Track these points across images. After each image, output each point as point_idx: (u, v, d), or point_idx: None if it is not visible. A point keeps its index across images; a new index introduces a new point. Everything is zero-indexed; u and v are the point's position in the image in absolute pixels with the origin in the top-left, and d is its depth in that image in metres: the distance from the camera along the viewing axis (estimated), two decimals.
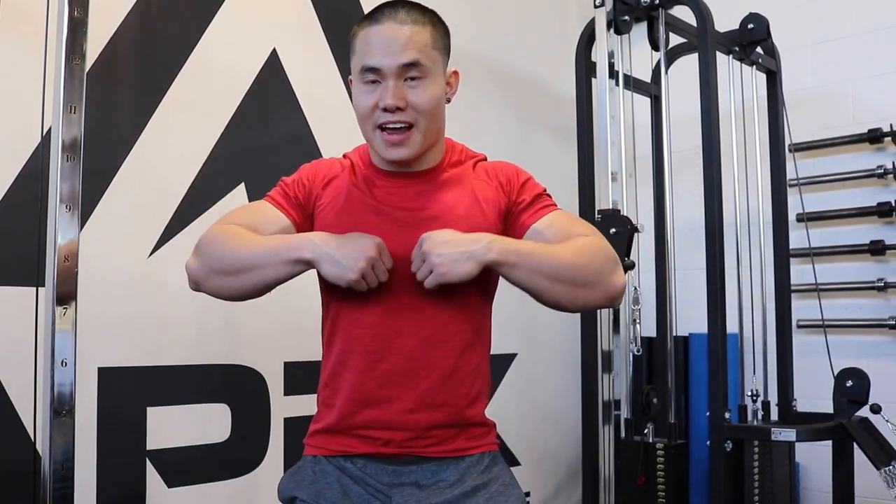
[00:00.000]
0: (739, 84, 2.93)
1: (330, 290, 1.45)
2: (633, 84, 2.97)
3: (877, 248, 3.13)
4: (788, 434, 2.53)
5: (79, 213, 1.69)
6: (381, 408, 1.39)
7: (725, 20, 2.85)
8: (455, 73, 1.49)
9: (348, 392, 1.41)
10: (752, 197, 2.98)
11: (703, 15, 2.65)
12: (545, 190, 1.53)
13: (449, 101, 1.48)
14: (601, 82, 2.69)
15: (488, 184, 1.48)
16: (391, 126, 1.38)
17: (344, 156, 1.55)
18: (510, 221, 1.47)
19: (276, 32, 2.61)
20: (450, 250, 1.30)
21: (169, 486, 2.27)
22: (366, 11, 2.93)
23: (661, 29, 2.79)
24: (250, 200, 2.48)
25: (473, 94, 3.26)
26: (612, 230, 2.46)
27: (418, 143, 1.40)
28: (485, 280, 1.43)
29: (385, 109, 1.37)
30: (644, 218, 3.01)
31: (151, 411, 2.25)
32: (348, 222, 1.42)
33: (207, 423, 2.37)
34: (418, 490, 1.40)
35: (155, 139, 2.29)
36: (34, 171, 2.01)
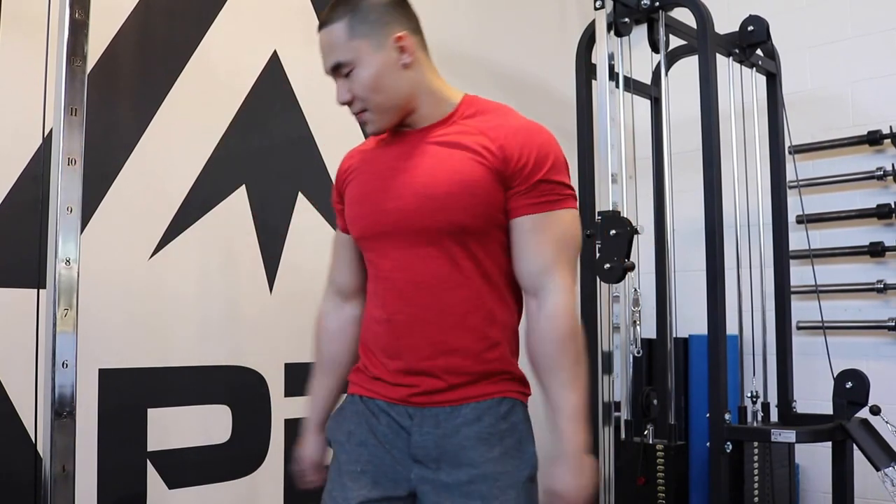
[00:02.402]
0: (739, 86, 2.93)
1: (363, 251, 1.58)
2: (633, 86, 2.97)
3: (876, 250, 3.14)
4: (788, 435, 2.53)
5: (80, 215, 1.70)
6: (403, 357, 1.46)
7: (725, 22, 2.85)
8: (399, 37, 1.47)
9: (372, 344, 1.51)
10: (752, 198, 2.99)
11: (703, 17, 2.65)
12: (560, 179, 1.48)
13: (407, 64, 1.48)
14: (601, 84, 2.69)
15: (481, 140, 1.46)
16: (355, 114, 1.52)
17: None
18: (509, 195, 1.45)
19: (277, 34, 2.61)
20: (576, 499, 1.40)
21: (170, 488, 2.27)
22: None
23: (661, 31, 2.79)
24: (251, 203, 2.50)
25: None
26: (612, 232, 2.46)
27: (378, 118, 1.49)
28: (486, 233, 1.45)
29: (342, 104, 1.51)
30: (644, 219, 3.02)
31: (152, 413, 2.26)
32: (358, 183, 1.56)
33: (208, 425, 2.37)
34: (435, 428, 1.44)
35: (156, 141, 2.30)
36: (35, 174, 2.02)
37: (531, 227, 1.44)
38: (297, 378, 2.54)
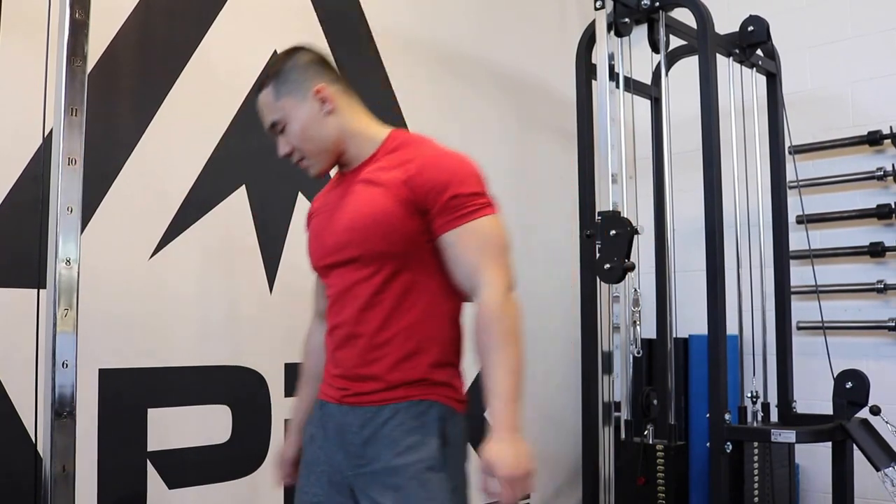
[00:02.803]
0: (739, 86, 2.93)
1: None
2: (633, 86, 2.98)
3: (876, 250, 3.14)
4: (788, 435, 2.53)
5: (80, 215, 1.70)
6: (340, 365, 1.66)
7: (725, 22, 2.85)
8: (317, 90, 1.67)
9: (326, 353, 1.73)
10: (752, 198, 2.99)
11: (703, 17, 2.65)
12: (469, 191, 1.58)
13: (329, 112, 1.68)
14: (601, 84, 2.70)
15: (397, 173, 1.60)
16: (296, 162, 1.73)
17: None
18: (428, 219, 1.59)
19: (277, 34, 2.61)
20: (508, 469, 1.46)
21: (170, 488, 2.27)
22: (366, 14, 2.95)
23: (661, 31, 2.80)
24: (251, 203, 2.50)
25: (475, 96, 3.27)
26: (612, 232, 2.46)
27: (315, 163, 1.71)
28: (403, 251, 1.59)
29: (284, 157, 1.73)
30: (644, 219, 3.02)
31: (152, 413, 2.26)
32: (314, 223, 1.78)
33: (208, 425, 2.37)
34: (362, 428, 1.60)
35: (156, 141, 2.30)
36: (35, 174, 2.02)
37: (452, 242, 1.57)
38: (297, 378, 2.54)
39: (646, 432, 2.83)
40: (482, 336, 1.53)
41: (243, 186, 2.49)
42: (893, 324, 3.09)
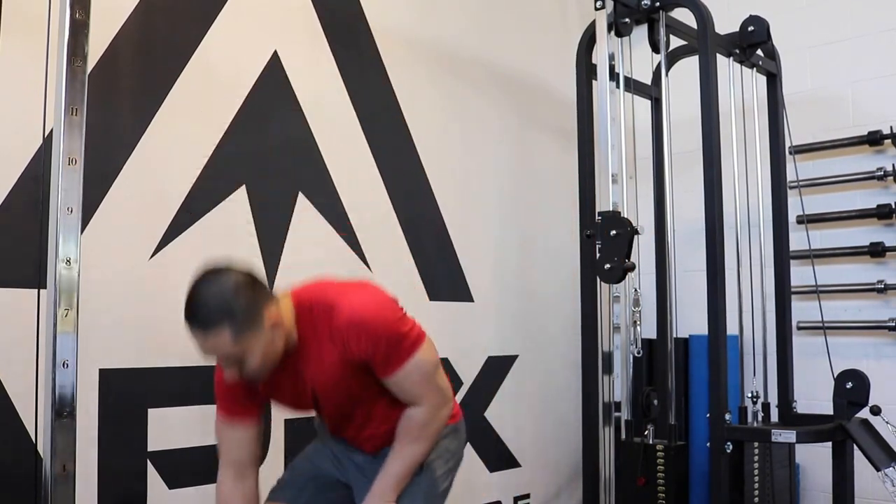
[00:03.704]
0: (739, 86, 2.93)
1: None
2: (633, 86, 2.97)
3: (876, 250, 3.14)
4: (788, 436, 2.53)
5: (80, 215, 1.70)
6: (353, 440, 2.02)
7: (726, 23, 2.85)
8: (273, 323, 1.73)
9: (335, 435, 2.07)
10: (753, 198, 2.99)
11: (704, 17, 2.65)
12: (394, 336, 1.78)
13: (277, 330, 1.75)
14: (602, 84, 2.70)
15: (333, 346, 1.78)
16: (244, 378, 1.80)
17: None
18: (372, 366, 1.81)
19: (278, 34, 2.61)
20: None
21: (170, 488, 2.28)
22: (366, 15, 2.94)
23: (662, 31, 2.80)
24: (251, 203, 2.50)
25: (475, 96, 3.26)
26: (613, 232, 2.46)
27: (264, 372, 1.78)
28: (364, 383, 1.85)
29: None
30: (644, 219, 3.02)
31: (153, 413, 2.26)
32: (272, 384, 1.88)
33: (208, 425, 2.36)
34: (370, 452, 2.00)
35: (156, 141, 2.30)
36: (36, 174, 2.02)
37: (394, 382, 1.84)
38: None
39: (646, 432, 2.82)
40: (405, 425, 1.87)
41: (243, 186, 2.49)
42: (893, 324, 3.09)
